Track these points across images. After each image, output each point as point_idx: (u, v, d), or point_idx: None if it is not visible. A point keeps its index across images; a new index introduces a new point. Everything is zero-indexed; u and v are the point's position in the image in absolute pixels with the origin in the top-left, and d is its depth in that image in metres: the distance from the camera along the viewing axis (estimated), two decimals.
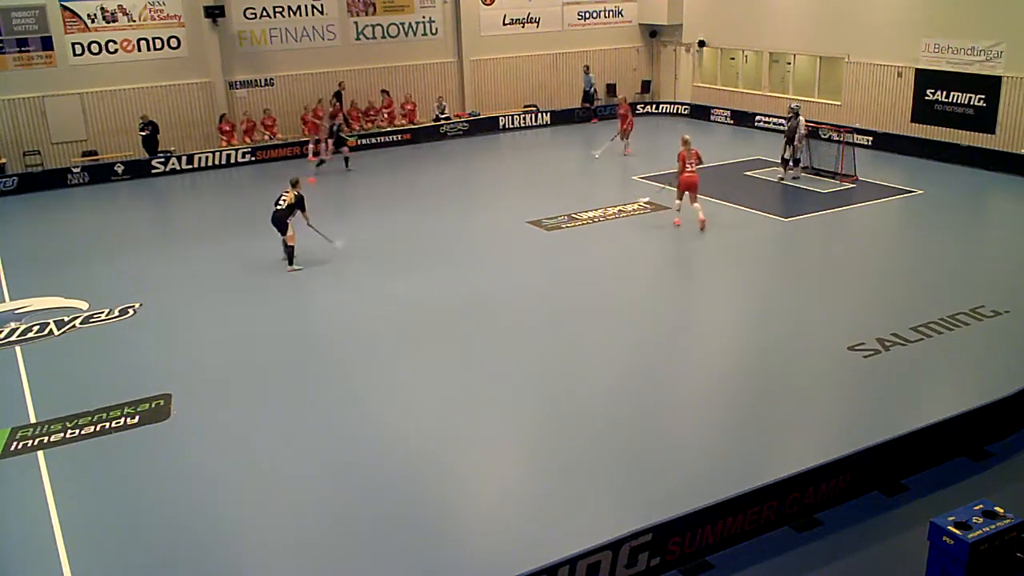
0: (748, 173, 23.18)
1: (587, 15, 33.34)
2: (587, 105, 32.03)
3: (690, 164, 17.62)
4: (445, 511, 8.97)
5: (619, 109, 26.33)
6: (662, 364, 12.32)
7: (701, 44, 32.38)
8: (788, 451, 9.82)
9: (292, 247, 16.42)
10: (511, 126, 30.95)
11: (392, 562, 8.15)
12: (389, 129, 29.37)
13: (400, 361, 12.55)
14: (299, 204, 16.38)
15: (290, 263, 16.40)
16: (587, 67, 32.13)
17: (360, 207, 21.49)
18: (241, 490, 9.49)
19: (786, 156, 22.14)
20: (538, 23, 32.50)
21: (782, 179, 22.11)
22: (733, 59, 31.74)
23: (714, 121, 31.20)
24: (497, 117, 30.93)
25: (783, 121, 23.32)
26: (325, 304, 15.04)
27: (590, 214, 19.54)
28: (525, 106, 31.69)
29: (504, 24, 31.96)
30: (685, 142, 17.73)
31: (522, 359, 12.40)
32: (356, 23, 29.61)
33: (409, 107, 29.96)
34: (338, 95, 29.16)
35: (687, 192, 17.80)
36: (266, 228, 16.53)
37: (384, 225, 19.39)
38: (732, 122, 30.48)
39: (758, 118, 29.42)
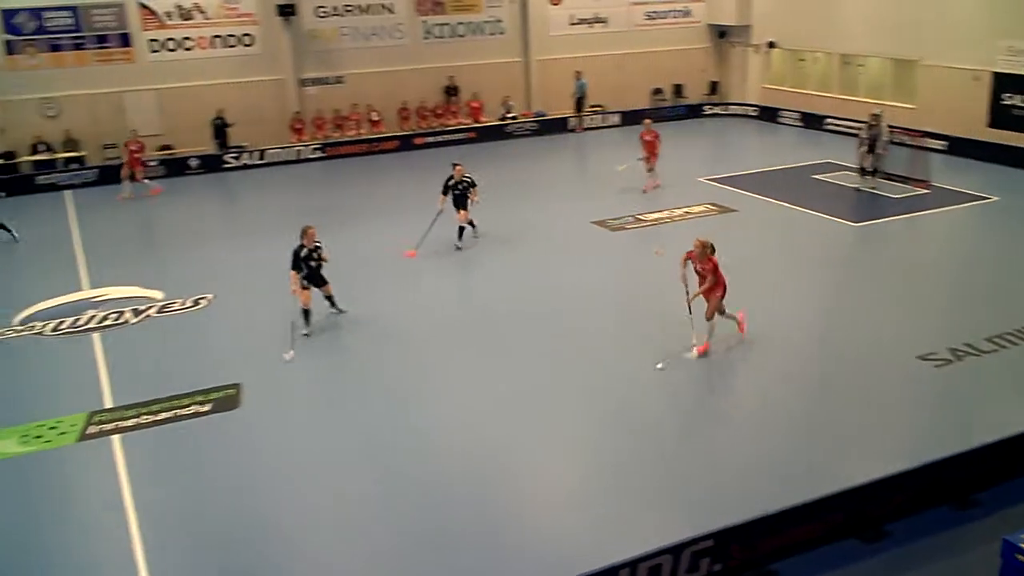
0: (816, 176, 22.83)
1: (655, 15, 33.17)
2: (577, 112, 31.46)
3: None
4: (505, 512, 9.02)
5: (643, 135, 21.79)
6: (728, 367, 12.20)
7: (771, 45, 31.97)
8: (855, 460, 9.65)
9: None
10: (579, 127, 30.86)
11: (452, 562, 8.22)
12: (454, 127, 29.60)
13: (468, 359, 12.64)
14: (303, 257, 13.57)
15: (335, 307, 14.25)
16: (579, 72, 31.26)
17: (426, 205, 21.64)
18: (305, 481, 9.66)
19: (865, 165, 21.60)
20: (605, 23, 32.44)
21: (859, 188, 21.56)
22: (803, 60, 31.29)
23: (782, 123, 30.79)
24: (564, 117, 30.93)
25: (859, 125, 22.78)
26: (391, 301, 15.16)
27: (655, 215, 19.47)
28: (592, 106, 31.60)
29: (571, 24, 31.96)
30: (706, 246, 12.57)
31: (586, 359, 12.39)
32: (425, 22, 29.89)
33: (475, 106, 30.16)
34: (448, 90, 29.72)
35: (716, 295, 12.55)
36: (333, 224, 16.76)
37: (448, 224, 19.48)
38: (801, 124, 30.05)
39: (828, 121, 28.93)
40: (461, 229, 17.78)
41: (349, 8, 28.81)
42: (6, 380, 12.77)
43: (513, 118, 30.41)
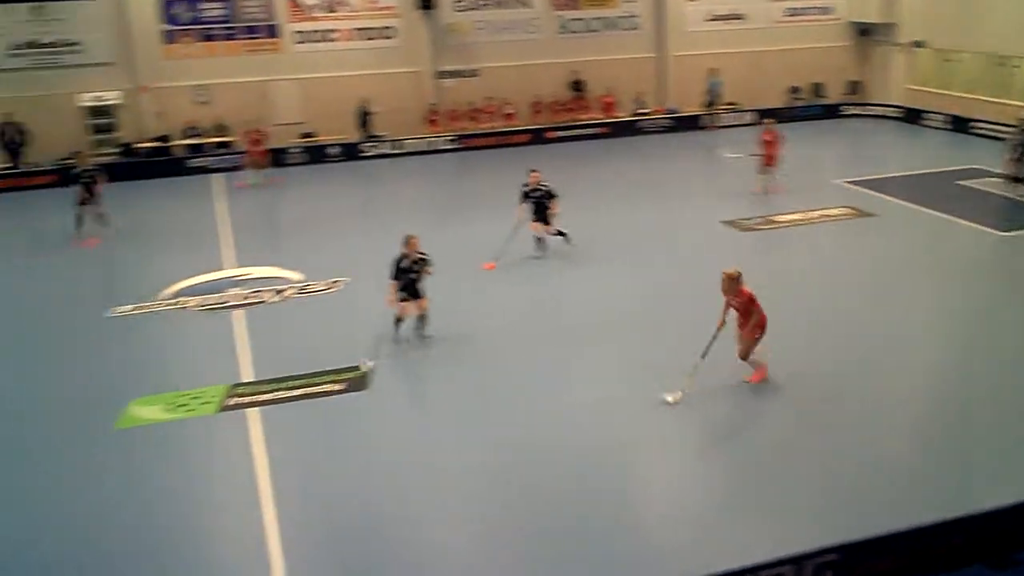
0: (962, 182, 21.84)
1: (794, 12, 32.36)
2: (710, 110, 30.85)
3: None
4: (625, 512, 9.01)
5: (763, 135, 21.05)
6: (861, 377, 11.78)
7: (917, 44, 30.70)
8: (991, 483, 9.26)
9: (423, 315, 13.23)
10: (712, 124, 30.46)
11: (565, 563, 8.22)
12: (586, 122, 29.64)
13: (589, 355, 12.66)
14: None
15: (423, 332, 13.29)
16: (713, 70, 30.58)
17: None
18: (429, 464, 9.87)
19: (1015, 172, 20.44)
20: (742, 19, 31.88)
21: (1008, 195, 20.44)
22: (951, 61, 29.92)
23: (926, 125, 29.59)
24: (697, 115, 30.56)
25: (1009, 131, 21.64)
26: (521, 294, 15.32)
27: (789, 217, 19.04)
28: (727, 104, 31.07)
29: (707, 20, 31.54)
30: (733, 278, 11.22)
31: (712, 361, 12.15)
32: (560, 17, 30.03)
33: (608, 101, 30.13)
34: (574, 85, 29.76)
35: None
36: (469, 216, 16.95)
37: (577, 220, 19.49)
38: (947, 127, 28.77)
39: (976, 124, 27.62)
40: (539, 240, 16.93)
41: (486, 2, 29.22)
42: (155, 350, 13.58)
43: (645, 114, 30.24)
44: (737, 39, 31.67)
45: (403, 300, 12.90)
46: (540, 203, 16.63)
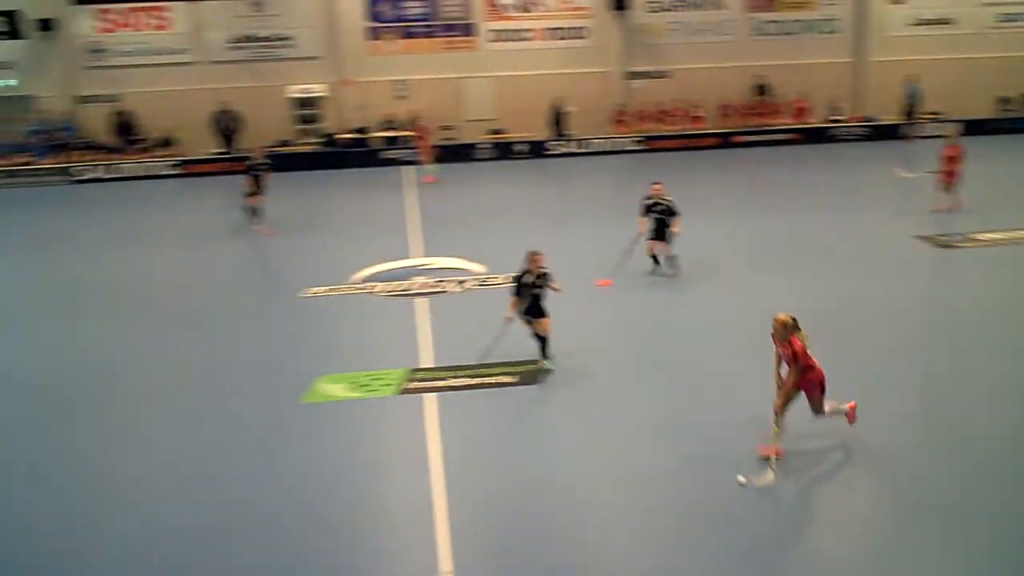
0: None
1: (1009, 17, 30.30)
2: (907, 118, 29.12)
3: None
4: (801, 537, 8.75)
5: (945, 150, 19.40)
6: None
7: None
8: None
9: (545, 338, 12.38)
10: (910, 134, 29.01)
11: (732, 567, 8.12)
12: (776, 127, 28.93)
13: (751, 362, 12.29)
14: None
15: (544, 355, 12.41)
16: (912, 76, 28.89)
17: (733, 204, 21.42)
18: (598, 460, 9.88)
19: None
20: (950, 24, 30.20)
21: None
22: None
23: None
24: (896, 124, 29.16)
25: None
26: (695, 299, 15.10)
27: (992, 235, 17.85)
28: (928, 113, 29.48)
29: (910, 24, 30.12)
30: (787, 325, 9.35)
31: (894, 380, 11.63)
32: (753, 19, 29.42)
33: (801, 106, 29.27)
34: (758, 89, 29.37)
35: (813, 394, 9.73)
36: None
37: (761, 225, 19.15)
38: None
39: None
40: (655, 258, 15.79)
41: (680, 3, 29.02)
42: (343, 331, 14.29)
43: (839, 122, 29.18)
44: (943, 45, 30.10)
45: (527, 323, 12.35)
46: (661, 219, 15.53)
